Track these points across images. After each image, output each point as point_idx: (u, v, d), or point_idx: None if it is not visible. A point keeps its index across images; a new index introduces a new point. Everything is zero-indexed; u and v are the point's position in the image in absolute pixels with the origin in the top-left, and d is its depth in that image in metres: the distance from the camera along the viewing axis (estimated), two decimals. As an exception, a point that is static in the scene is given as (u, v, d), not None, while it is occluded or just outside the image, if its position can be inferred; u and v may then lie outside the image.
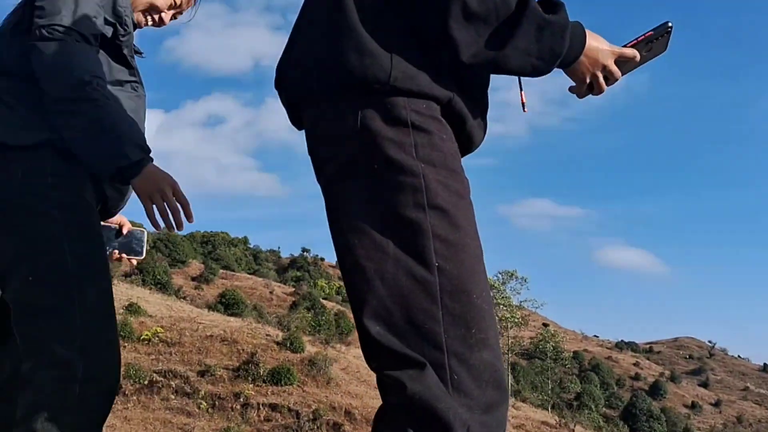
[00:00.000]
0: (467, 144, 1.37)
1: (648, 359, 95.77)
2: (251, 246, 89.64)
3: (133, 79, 1.89)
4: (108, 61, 1.81)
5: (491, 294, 1.33)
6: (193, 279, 58.42)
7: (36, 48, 1.66)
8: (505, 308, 41.29)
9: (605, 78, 1.36)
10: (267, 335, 28.23)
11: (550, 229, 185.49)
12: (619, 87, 1.41)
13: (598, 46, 1.33)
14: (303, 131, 1.40)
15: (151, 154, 1.71)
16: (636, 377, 77.35)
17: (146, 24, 1.97)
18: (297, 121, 1.42)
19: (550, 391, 43.15)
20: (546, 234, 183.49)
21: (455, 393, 1.15)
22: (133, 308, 30.84)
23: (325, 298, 51.25)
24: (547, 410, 26.82)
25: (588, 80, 1.36)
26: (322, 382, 24.16)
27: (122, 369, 1.93)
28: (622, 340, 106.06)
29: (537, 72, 1.29)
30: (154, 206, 1.68)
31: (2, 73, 1.76)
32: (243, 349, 26.23)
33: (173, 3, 1.97)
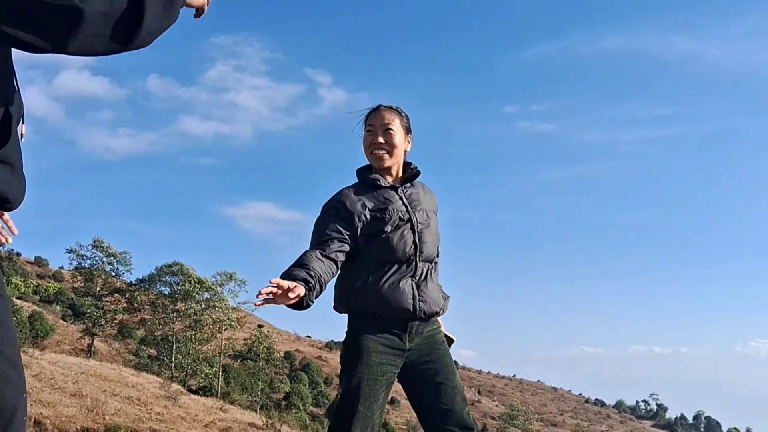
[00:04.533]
0: None
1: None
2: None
3: None
4: None
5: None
6: None
7: None
8: (220, 310, 40.86)
9: None
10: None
11: (272, 232, 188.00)
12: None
13: None
14: None
15: None
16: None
17: None
18: None
19: (260, 392, 43.63)
20: (268, 237, 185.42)
21: None
22: None
23: (19, 298, 45.73)
24: (256, 411, 27.16)
25: None
26: (9, 390, 21.60)
27: None
28: (332, 340, 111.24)
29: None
30: None
31: None
32: None
33: None
